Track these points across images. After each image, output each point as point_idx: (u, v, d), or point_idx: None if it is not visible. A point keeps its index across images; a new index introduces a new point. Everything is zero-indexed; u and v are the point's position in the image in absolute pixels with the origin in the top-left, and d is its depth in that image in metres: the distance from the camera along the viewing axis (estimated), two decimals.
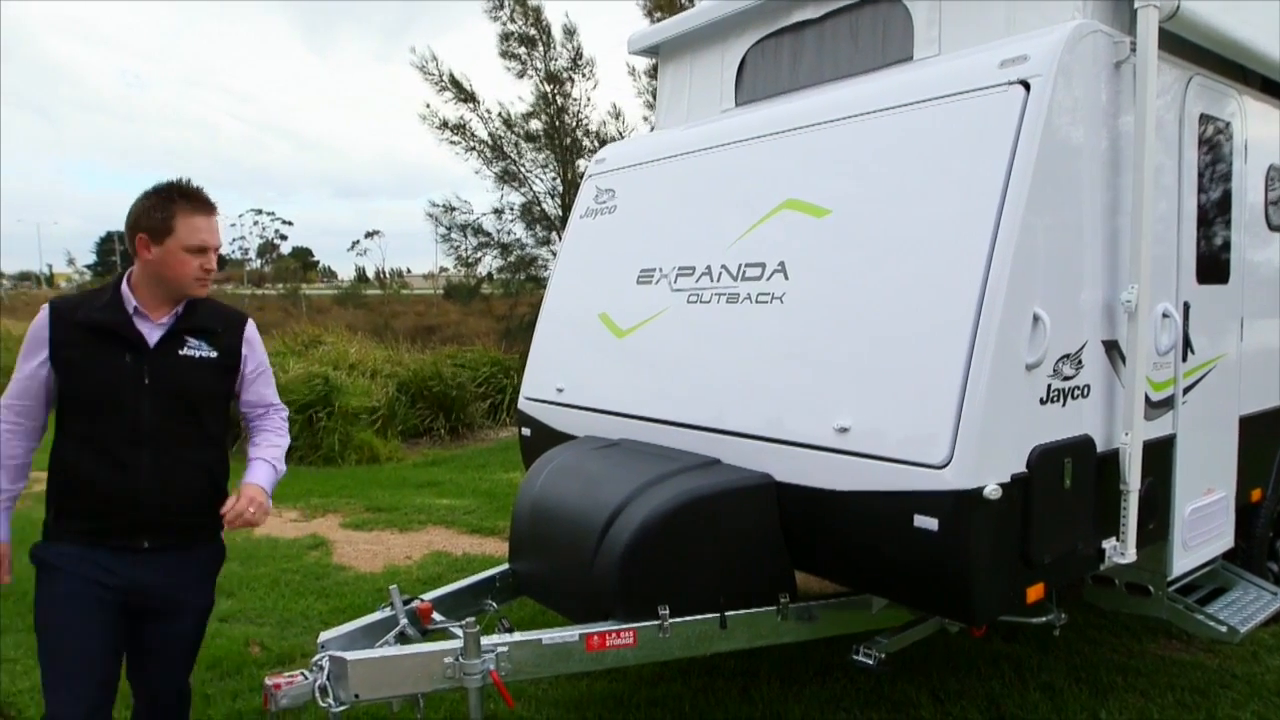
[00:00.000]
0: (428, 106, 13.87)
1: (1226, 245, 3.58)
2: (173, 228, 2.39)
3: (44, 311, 2.39)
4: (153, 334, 2.43)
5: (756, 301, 3.25)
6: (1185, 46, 3.23)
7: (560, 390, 4.05)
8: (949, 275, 2.67)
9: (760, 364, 3.19)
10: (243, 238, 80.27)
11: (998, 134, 2.69)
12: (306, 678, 2.68)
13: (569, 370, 4.11)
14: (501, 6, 13.54)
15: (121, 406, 2.38)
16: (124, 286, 2.44)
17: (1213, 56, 3.43)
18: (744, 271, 3.34)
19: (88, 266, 79.99)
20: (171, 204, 2.40)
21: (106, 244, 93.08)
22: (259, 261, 78.84)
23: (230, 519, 2.49)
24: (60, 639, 2.32)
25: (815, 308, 3.05)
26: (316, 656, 2.78)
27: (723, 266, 3.44)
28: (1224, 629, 3.50)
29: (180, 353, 2.47)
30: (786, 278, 3.17)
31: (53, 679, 2.31)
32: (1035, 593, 2.77)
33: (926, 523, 2.56)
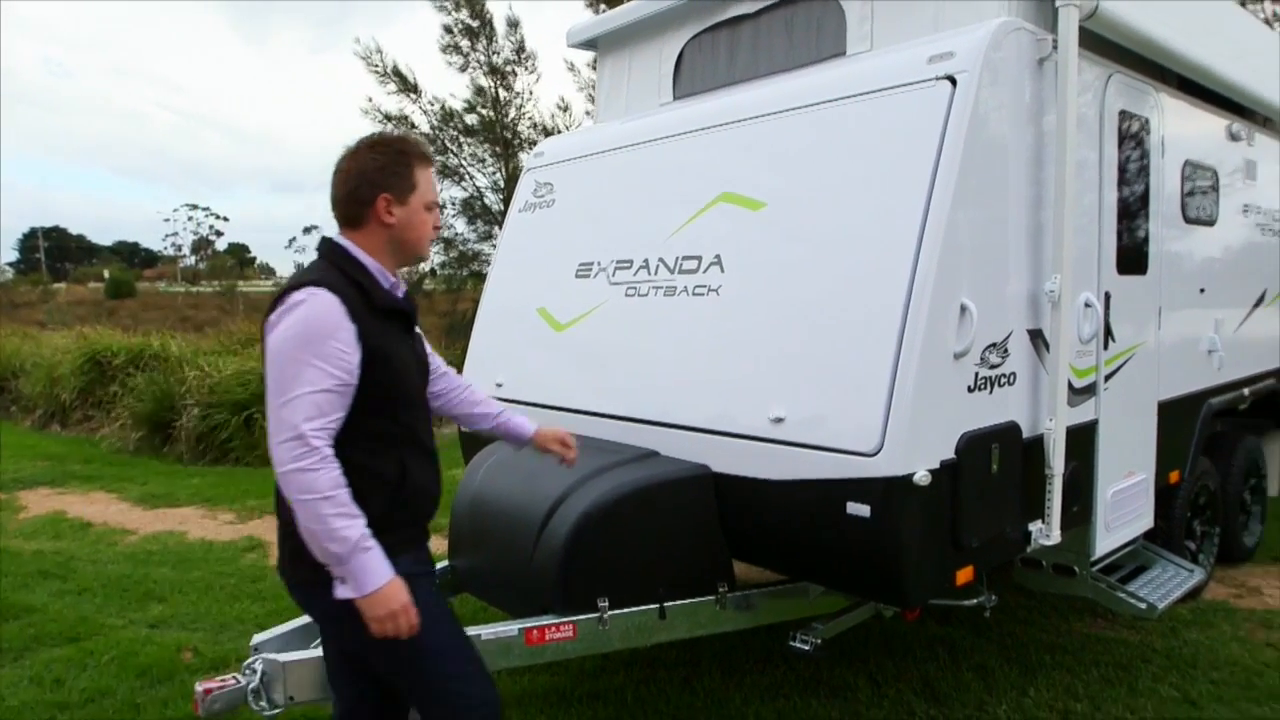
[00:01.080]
0: (370, 100, 13.64)
1: (1145, 237, 3.72)
2: (415, 183, 2.11)
3: (327, 297, 1.95)
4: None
5: (693, 294, 3.27)
6: (1105, 45, 3.34)
7: (499, 385, 4.03)
8: (879, 267, 2.73)
9: (697, 356, 3.21)
10: (176, 234, 78.08)
11: (926, 128, 2.75)
12: (239, 681, 2.62)
13: (508, 365, 4.08)
14: None
15: (418, 393, 2.20)
16: (366, 259, 2.09)
17: (1132, 55, 3.55)
18: (681, 264, 3.36)
19: (10, 264, 76.95)
20: (408, 157, 2.11)
21: (30, 240, 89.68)
22: (193, 258, 76.72)
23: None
24: (459, 637, 2.22)
25: (750, 300, 3.08)
26: (249, 660, 2.72)
27: (660, 260, 3.45)
28: (1144, 605, 3.64)
29: (416, 326, 2.26)
30: (723, 270, 3.19)
31: (473, 671, 2.17)
32: (965, 575, 2.84)
33: (859, 509, 2.61)
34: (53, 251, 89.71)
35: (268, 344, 1.97)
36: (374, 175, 2.07)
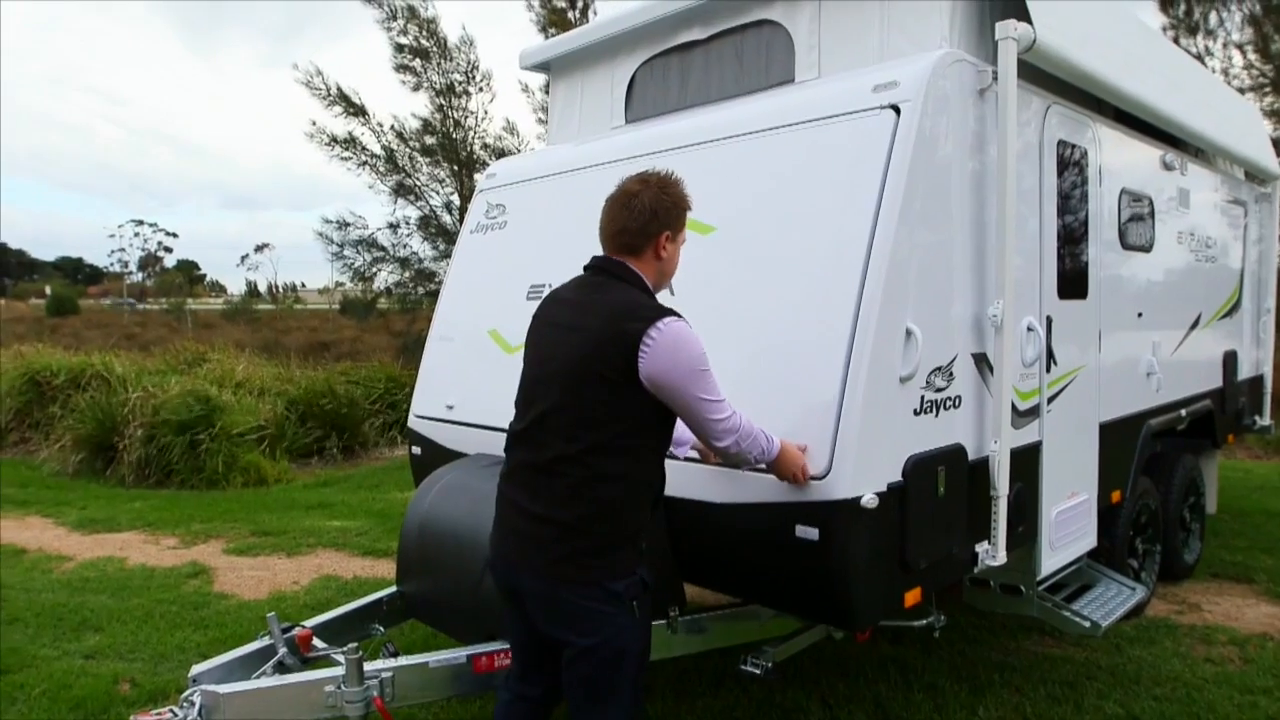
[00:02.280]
0: (314, 124, 13.49)
1: (1085, 263, 3.82)
2: (683, 227, 2.43)
3: (679, 317, 2.26)
4: None
5: None
6: (1044, 77, 3.44)
7: (450, 408, 3.99)
8: (826, 291, 2.76)
9: None
10: (122, 249, 76.26)
11: (870, 155, 2.80)
12: (176, 714, 2.55)
13: (459, 387, 4.04)
14: (394, 18, 13.31)
15: None
16: (649, 283, 2.39)
17: (1070, 87, 3.66)
18: None
19: None
20: (684, 200, 2.40)
21: None
22: (140, 275, 74.96)
23: None
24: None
25: (699, 324, 3.07)
26: (187, 691, 2.65)
27: None
28: (1088, 624, 3.70)
29: None
30: (672, 293, 3.20)
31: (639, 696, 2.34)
32: (913, 597, 2.87)
33: (807, 532, 2.62)
34: (6, 268, 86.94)
35: (666, 367, 2.19)
36: (669, 210, 2.35)
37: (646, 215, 2.32)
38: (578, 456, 2.21)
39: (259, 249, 76.90)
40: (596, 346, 2.21)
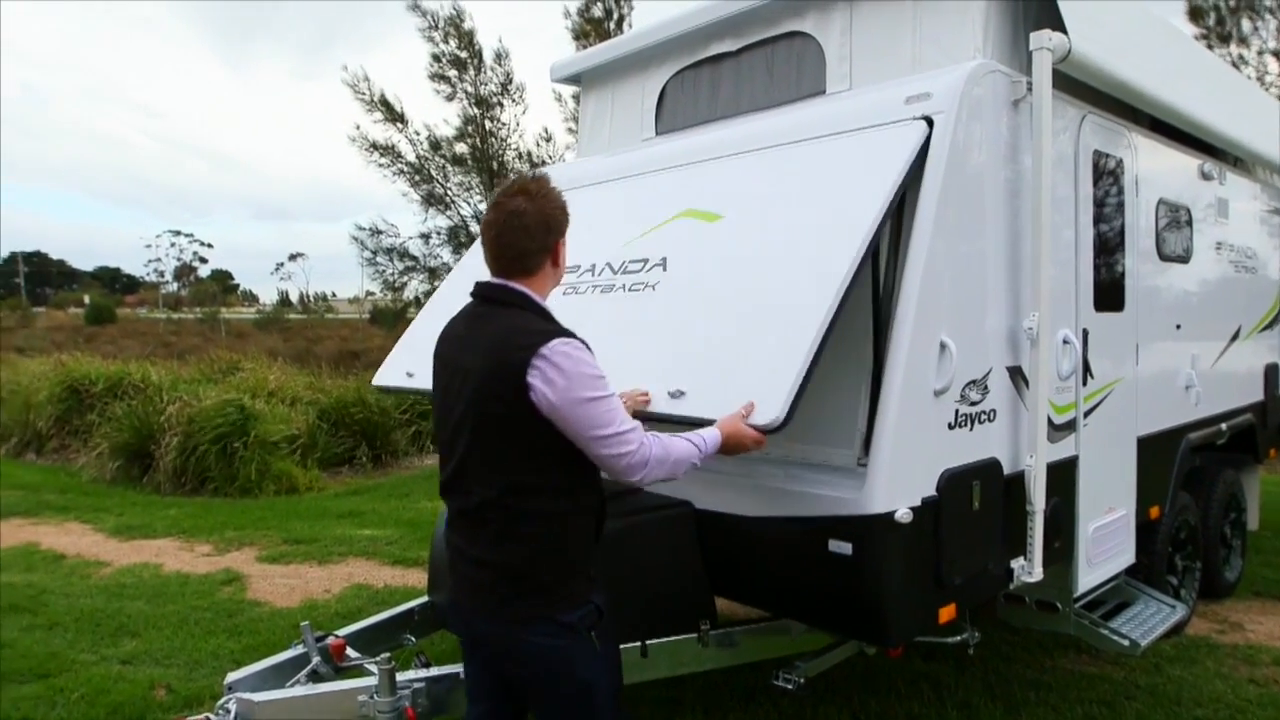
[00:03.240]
0: (357, 128, 13.70)
1: (1122, 275, 3.76)
2: (567, 214, 2.21)
3: (571, 339, 2.05)
4: None
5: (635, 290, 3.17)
6: (1079, 87, 3.41)
7: (410, 375, 3.77)
8: (818, 266, 2.67)
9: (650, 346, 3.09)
10: (158, 259, 77.71)
11: (897, 164, 2.76)
12: None
13: (426, 356, 3.94)
14: (436, 26, 13.49)
15: None
16: (543, 303, 2.19)
17: (1105, 97, 3.61)
18: (626, 265, 3.29)
19: None
20: (561, 196, 2.19)
21: (9, 265, 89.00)
22: (176, 285, 76.32)
23: None
24: (619, 687, 2.25)
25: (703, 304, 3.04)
26: (223, 699, 2.68)
27: (607, 264, 3.38)
28: (1127, 642, 3.64)
29: None
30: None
31: None
32: (948, 613, 2.83)
33: (841, 547, 2.60)
34: (33, 276, 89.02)
35: (556, 399, 1.98)
36: (553, 217, 2.15)
37: (543, 230, 2.13)
38: (498, 500, 2.08)
39: (292, 258, 77.99)
40: (486, 384, 2.04)
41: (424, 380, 3.84)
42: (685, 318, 2.93)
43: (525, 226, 2.11)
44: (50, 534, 7.19)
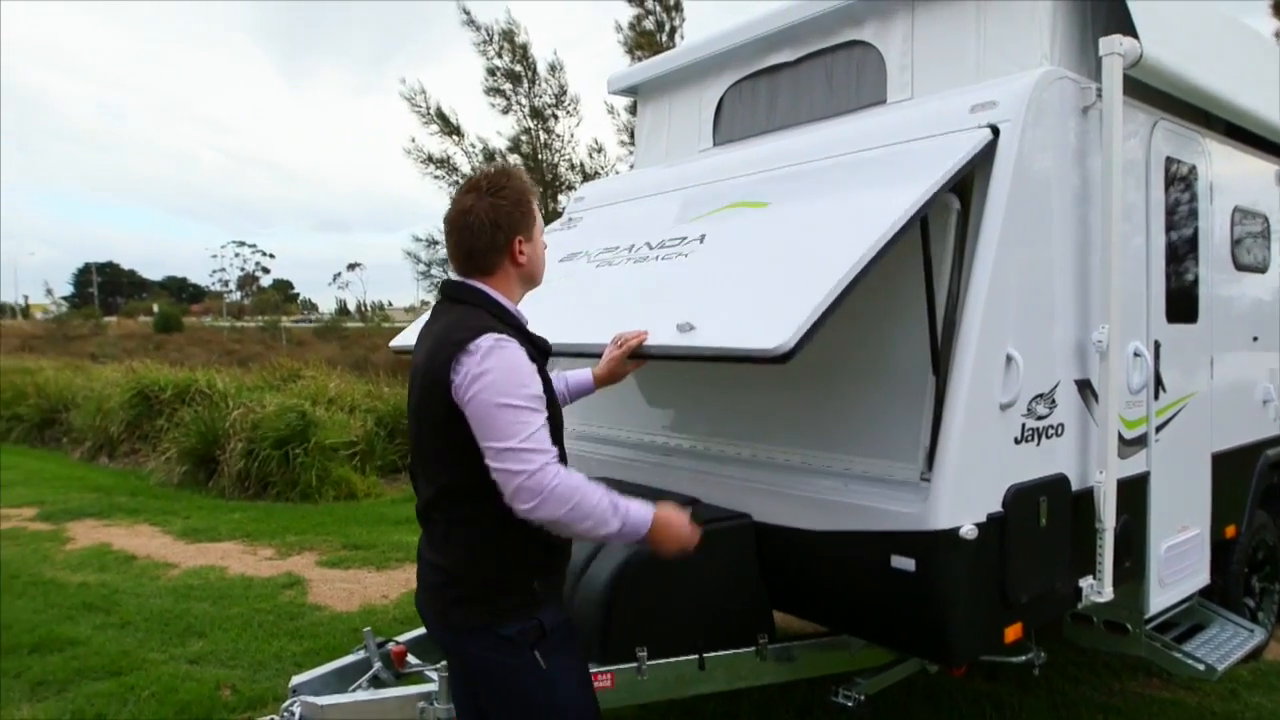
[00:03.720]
0: (413, 140, 13.93)
1: (1195, 285, 3.64)
2: (535, 217, 2.13)
3: (507, 339, 1.95)
4: None
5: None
6: (1150, 92, 3.31)
7: None
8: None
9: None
10: (223, 269, 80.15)
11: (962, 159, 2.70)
12: None
13: None
14: (490, 41, 13.69)
15: (560, 431, 2.10)
16: (505, 301, 2.10)
17: (1177, 102, 3.51)
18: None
19: (65, 298, 79.43)
20: (528, 194, 2.11)
21: (84, 275, 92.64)
22: (239, 294, 78.58)
23: None
24: (587, 699, 2.12)
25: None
26: (287, 702, 2.73)
27: (645, 242, 3.35)
28: (1202, 667, 3.50)
29: None
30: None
31: None
32: (1014, 633, 2.76)
33: (904, 563, 2.56)
34: (105, 286, 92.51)
35: (467, 396, 1.90)
36: (501, 218, 2.05)
37: (489, 229, 2.04)
38: (436, 502, 2.04)
39: (350, 268, 79.67)
40: (423, 380, 2.00)
41: None
42: (710, 274, 2.85)
43: (470, 225, 2.05)
44: (121, 535, 7.44)
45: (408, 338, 3.89)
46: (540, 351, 2.10)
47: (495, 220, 2.05)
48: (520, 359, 1.94)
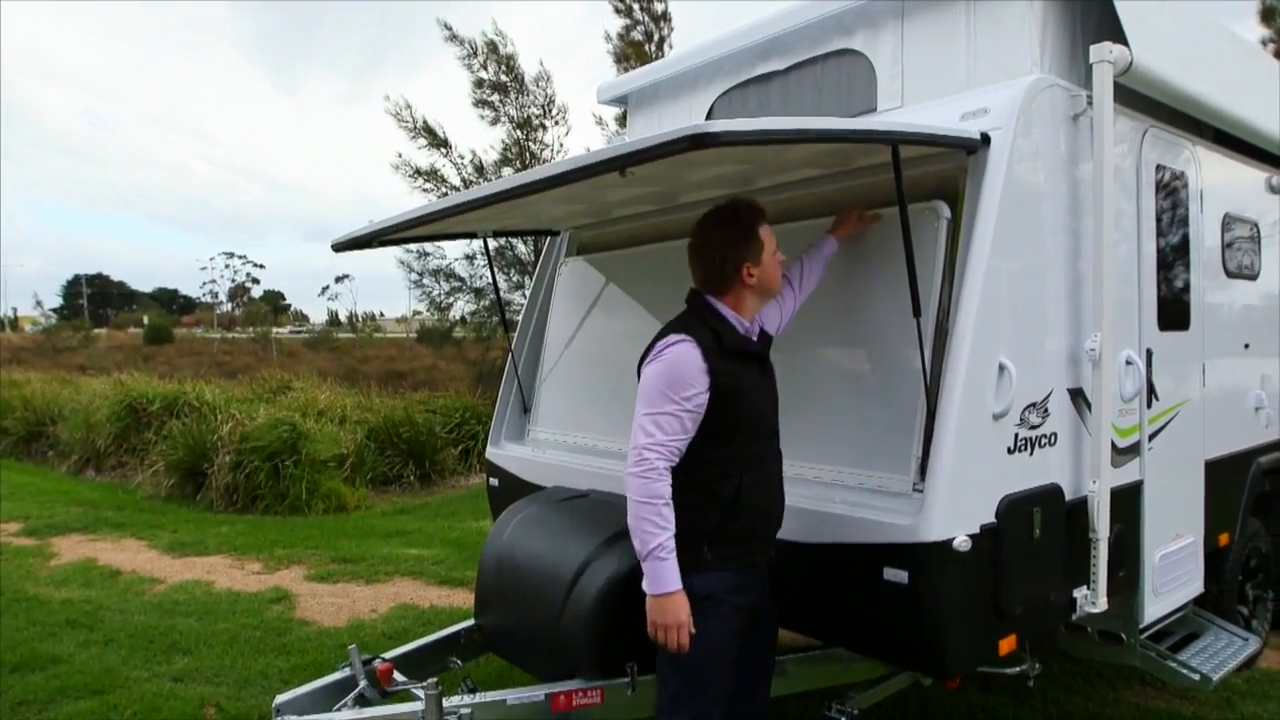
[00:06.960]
0: (399, 155, 13.90)
1: (1186, 292, 3.63)
2: (762, 243, 2.49)
3: (688, 346, 2.33)
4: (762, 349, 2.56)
5: None
6: (1140, 100, 3.31)
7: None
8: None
9: None
10: (214, 281, 79.94)
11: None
12: None
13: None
14: (475, 54, 13.68)
15: (766, 423, 2.50)
16: (727, 311, 2.47)
17: (1166, 108, 3.51)
18: None
19: (54, 310, 78.94)
20: (753, 225, 2.47)
21: (73, 286, 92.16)
22: (229, 305, 78.34)
23: None
24: (724, 674, 2.40)
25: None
26: None
27: None
28: (1197, 677, 3.48)
29: (769, 361, 2.58)
30: None
31: (705, 710, 2.37)
32: (1008, 645, 2.73)
33: (896, 575, 2.52)
34: (95, 298, 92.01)
35: (641, 378, 2.38)
36: (729, 251, 2.44)
37: (716, 260, 2.46)
38: None
39: (339, 279, 79.34)
40: None
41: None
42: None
43: (701, 250, 2.50)
44: (107, 550, 7.36)
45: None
46: (744, 353, 2.44)
47: (725, 245, 2.45)
48: (687, 359, 2.32)
